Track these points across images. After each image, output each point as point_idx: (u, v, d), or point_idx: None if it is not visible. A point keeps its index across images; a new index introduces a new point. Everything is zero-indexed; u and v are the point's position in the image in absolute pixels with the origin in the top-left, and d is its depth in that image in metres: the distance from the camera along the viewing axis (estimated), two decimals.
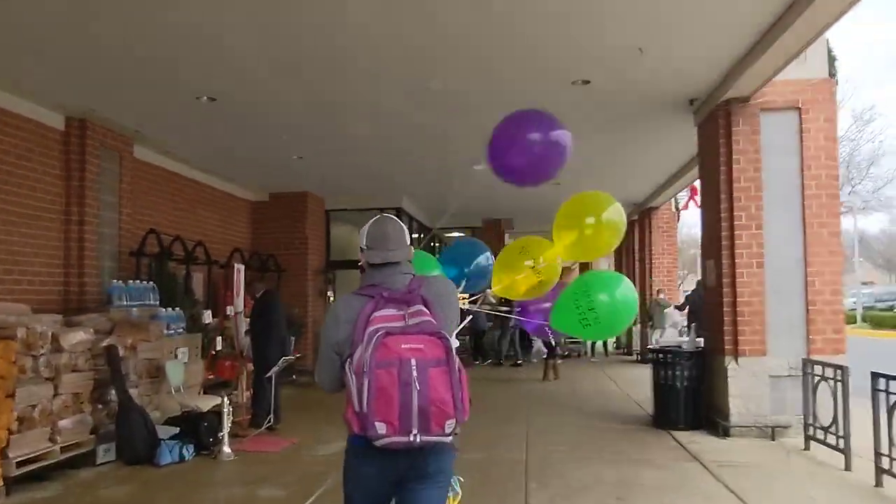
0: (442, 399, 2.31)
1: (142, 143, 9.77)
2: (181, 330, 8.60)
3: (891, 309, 33.93)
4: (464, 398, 2.38)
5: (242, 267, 10.09)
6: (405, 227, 2.80)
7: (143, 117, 8.86)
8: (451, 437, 2.38)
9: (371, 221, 2.77)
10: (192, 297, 10.26)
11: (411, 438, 2.29)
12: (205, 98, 8.00)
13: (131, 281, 8.55)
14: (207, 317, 10.19)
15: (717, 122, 7.98)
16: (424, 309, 2.47)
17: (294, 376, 12.31)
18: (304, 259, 14.12)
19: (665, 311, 15.38)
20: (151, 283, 8.87)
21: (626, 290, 3.99)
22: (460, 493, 3.04)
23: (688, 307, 14.04)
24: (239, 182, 13.18)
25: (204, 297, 11.25)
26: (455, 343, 2.64)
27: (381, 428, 2.27)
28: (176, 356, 8.08)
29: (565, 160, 4.22)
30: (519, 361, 16.55)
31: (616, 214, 4.21)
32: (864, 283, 42.02)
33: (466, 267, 4.35)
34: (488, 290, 4.34)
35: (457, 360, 2.41)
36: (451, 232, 21.79)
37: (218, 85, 7.65)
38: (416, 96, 7.96)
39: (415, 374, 2.28)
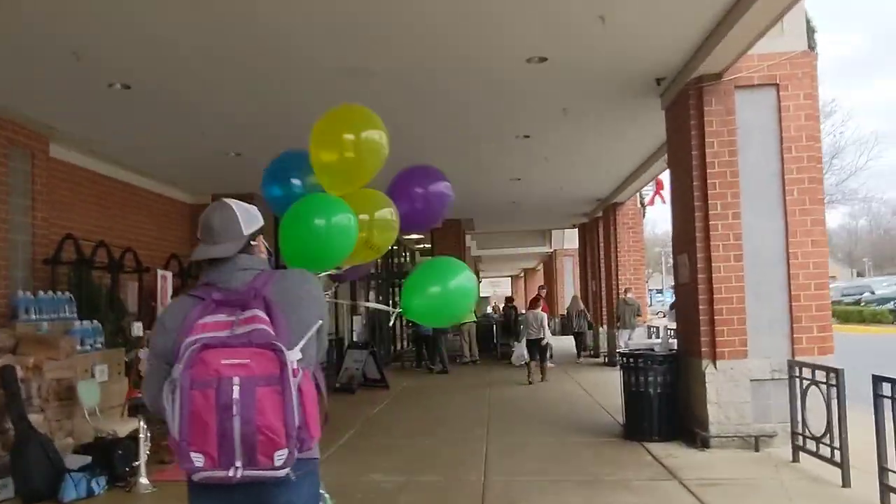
0: (270, 425, 1.96)
1: (60, 141, 8.83)
2: (99, 345, 7.64)
3: (857, 303, 33.96)
4: (308, 422, 2.06)
5: (169, 274, 9.18)
6: (250, 212, 2.41)
7: (54, 110, 7.92)
8: (284, 471, 2.01)
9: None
10: (120, 308, 9.31)
11: (231, 473, 1.96)
12: (118, 85, 7.12)
13: (42, 292, 7.60)
14: (138, 329, 9.22)
15: (687, 102, 7.30)
16: (261, 314, 2.10)
17: None
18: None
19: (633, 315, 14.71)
20: (67, 293, 7.91)
21: (465, 279, 3.44)
22: None
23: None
24: (176, 183, 12.21)
25: (137, 307, 10.29)
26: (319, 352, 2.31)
27: (197, 460, 1.96)
28: (92, 375, 7.15)
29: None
30: (474, 359, 15.74)
31: (378, 135, 3.52)
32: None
33: (293, 188, 3.55)
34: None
35: (302, 375, 2.06)
36: (407, 234, 20.99)
37: (133, 71, 6.78)
38: (360, 79, 7.13)
39: (236, 395, 1.95)
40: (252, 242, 2.39)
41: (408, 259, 23.41)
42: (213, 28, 5.89)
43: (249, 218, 2.39)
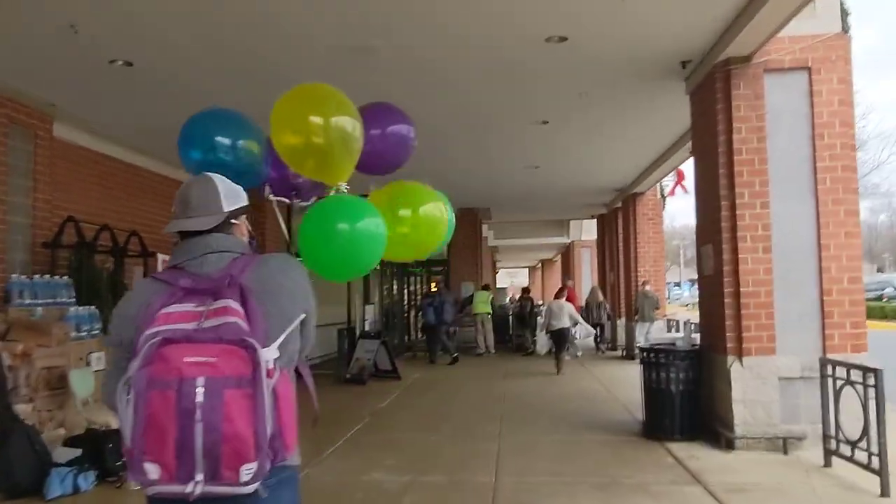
0: (238, 434, 1.69)
1: (64, 121, 8.56)
2: (97, 331, 7.38)
3: (879, 299, 33.33)
4: (283, 431, 1.78)
5: (168, 258, 8.89)
6: (234, 188, 2.16)
7: (55, 88, 7.65)
8: (251, 487, 1.72)
9: None
10: (122, 294, 9.05)
11: (189, 488, 1.69)
12: (120, 62, 6.84)
13: (38, 276, 7.35)
14: None
15: (713, 86, 6.91)
16: (234, 305, 1.82)
17: None
18: (262, 251, 12.88)
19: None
20: (66, 278, 7.66)
21: (371, 223, 2.82)
22: None
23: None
24: (181, 165, 11.92)
25: None
26: (300, 351, 2.03)
27: (151, 471, 1.70)
28: (88, 363, 6.90)
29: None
30: (489, 351, 15.51)
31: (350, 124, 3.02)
32: None
33: (214, 151, 2.95)
34: None
35: (280, 376, 1.79)
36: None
37: (134, 48, 6.51)
38: (362, 57, 6.79)
39: (200, 398, 1.68)
40: (233, 221, 2.13)
41: None
42: (212, 3, 5.61)
43: (232, 193, 2.14)
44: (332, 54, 6.67)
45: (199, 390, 1.69)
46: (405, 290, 21.23)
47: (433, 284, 20.15)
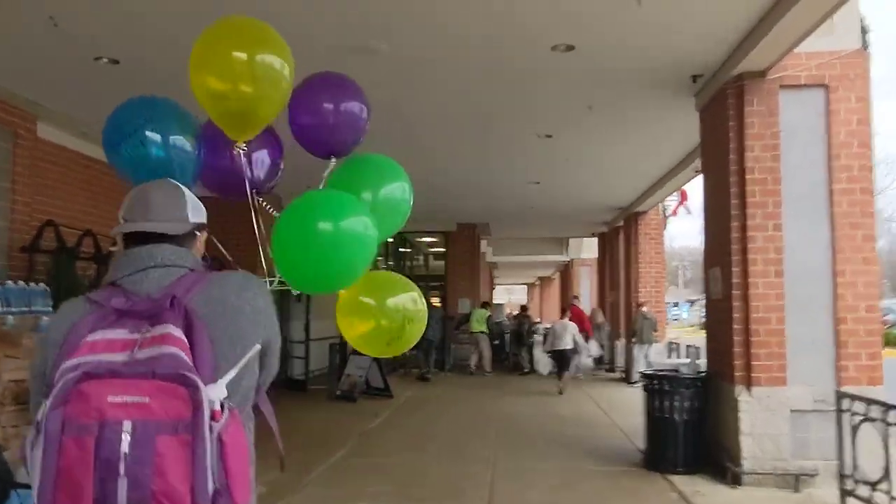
0: (171, 491, 1.37)
1: (50, 121, 8.26)
2: None
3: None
4: (231, 486, 1.44)
5: None
6: (197, 201, 1.85)
7: (39, 86, 7.36)
8: None
9: None
10: None
11: None
12: (105, 60, 6.54)
13: (12, 283, 7.00)
14: None
15: (725, 101, 6.62)
16: (175, 332, 1.49)
17: None
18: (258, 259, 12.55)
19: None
20: (42, 285, 7.31)
21: (358, 222, 2.38)
22: None
23: None
24: None
25: None
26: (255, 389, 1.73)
27: None
28: None
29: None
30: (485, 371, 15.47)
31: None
32: None
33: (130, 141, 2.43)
34: None
35: (228, 419, 1.46)
36: (420, 236, 20.42)
37: (121, 46, 6.23)
38: (362, 58, 6.48)
39: (125, 447, 1.37)
40: (197, 233, 1.84)
41: (421, 261, 22.76)
42: (211, 3, 5.31)
43: (197, 205, 1.86)
44: (332, 54, 6.37)
45: (125, 437, 1.38)
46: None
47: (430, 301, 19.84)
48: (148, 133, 2.40)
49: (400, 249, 19.37)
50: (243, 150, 2.52)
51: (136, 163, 2.38)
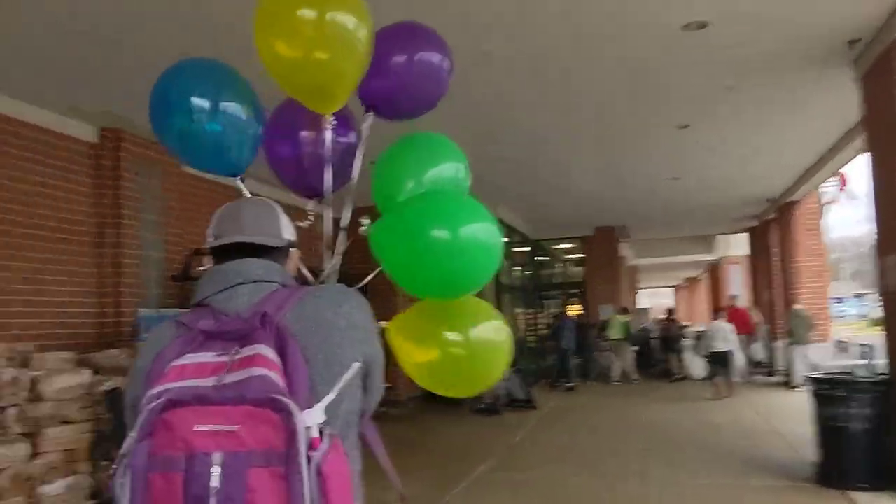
0: None
1: None
2: None
3: None
4: None
5: None
6: (289, 221, 1.73)
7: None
8: None
9: None
10: None
11: None
12: None
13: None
14: None
15: (891, 64, 5.85)
16: (267, 352, 1.35)
17: None
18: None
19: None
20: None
21: (482, 228, 1.95)
22: None
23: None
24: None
25: None
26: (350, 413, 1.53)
27: None
28: None
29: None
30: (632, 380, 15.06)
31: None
32: None
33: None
34: None
35: (329, 448, 1.29)
36: (557, 243, 19.99)
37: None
38: (474, 67, 6.25)
39: (215, 482, 1.22)
40: (291, 249, 1.75)
41: (560, 267, 22.28)
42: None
43: (288, 223, 1.76)
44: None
45: (215, 470, 1.25)
46: (538, 314, 20.39)
47: (566, 309, 19.39)
48: (198, 102, 2.15)
49: (535, 258, 19.00)
50: (333, 124, 2.22)
51: (183, 137, 2.18)
